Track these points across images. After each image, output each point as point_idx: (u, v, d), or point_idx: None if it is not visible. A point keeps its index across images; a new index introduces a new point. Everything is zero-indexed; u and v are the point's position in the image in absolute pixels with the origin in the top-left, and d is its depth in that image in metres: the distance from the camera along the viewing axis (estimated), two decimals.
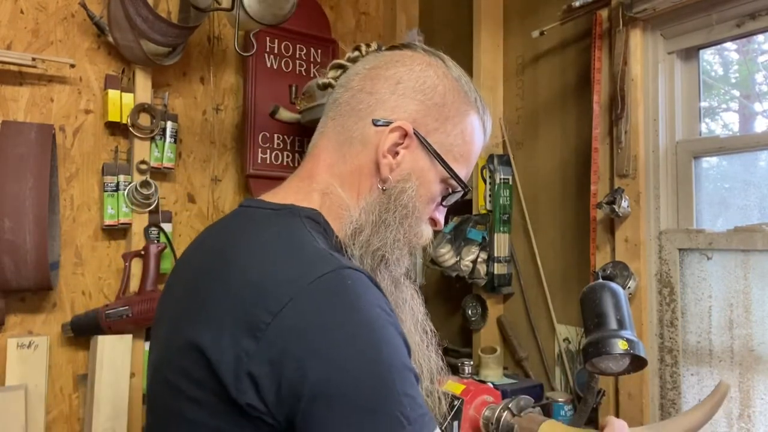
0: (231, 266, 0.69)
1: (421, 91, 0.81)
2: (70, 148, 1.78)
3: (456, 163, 0.83)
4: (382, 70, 0.83)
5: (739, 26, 1.38)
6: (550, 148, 1.85)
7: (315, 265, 0.64)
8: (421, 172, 0.81)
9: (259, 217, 0.76)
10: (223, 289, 0.67)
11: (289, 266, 0.65)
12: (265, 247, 0.70)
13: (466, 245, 1.90)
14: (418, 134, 0.80)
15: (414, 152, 0.80)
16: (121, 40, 1.72)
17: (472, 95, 0.86)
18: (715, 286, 1.41)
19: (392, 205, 0.79)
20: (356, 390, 0.59)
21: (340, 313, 0.62)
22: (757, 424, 1.34)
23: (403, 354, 0.64)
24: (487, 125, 0.89)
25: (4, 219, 1.53)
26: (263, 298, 0.62)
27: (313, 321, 0.61)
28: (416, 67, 0.83)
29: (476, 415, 1.03)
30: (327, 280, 0.63)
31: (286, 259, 0.67)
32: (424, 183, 0.81)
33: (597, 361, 1.03)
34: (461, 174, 0.85)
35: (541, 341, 1.84)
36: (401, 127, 0.79)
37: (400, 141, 0.79)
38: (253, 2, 1.69)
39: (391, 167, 0.79)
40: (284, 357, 0.59)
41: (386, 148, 0.79)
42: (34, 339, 1.66)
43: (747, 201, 1.43)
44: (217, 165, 2.06)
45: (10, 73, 1.69)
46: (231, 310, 0.64)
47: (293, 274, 0.64)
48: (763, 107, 1.49)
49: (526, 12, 1.94)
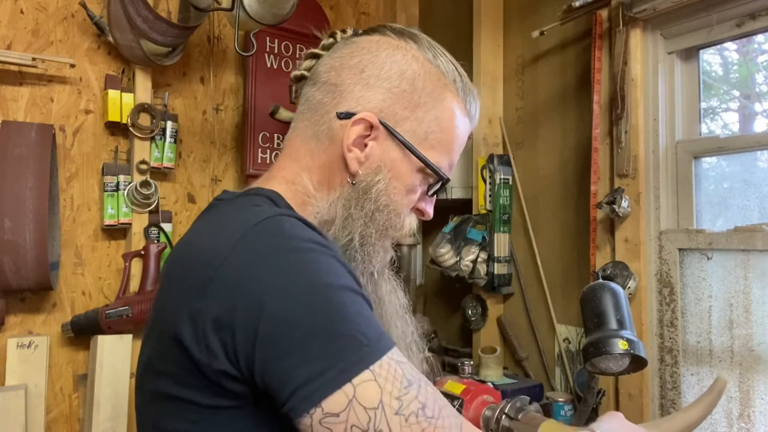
0: (189, 248, 0.70)
1: (386, 78, 0.77)
2: (70, 148, 1.78)
3: (433, 151, 0.79)
4: (347, 59, 0.80)
5: (739, 26, 1.38)
6: (550, 148, 1.85)
7: (252, 218, 0.64)
8: (393, 164, 0.78)
9: (224, 202, 0.77)
10: (181, 270, 0.68)
11: (230, 228, 0.65)
12: (216, 220, 0.72)
13: (466, 245, 1.90)
14: (385, 125, 0.77)
15: (383, 143, 0.77)
16: (121, 40, 1.72)
17: (450, 76, 0.81)
18: (715, 286, 1.41)
19: (361, 200, 0.76)
20: (310, 316, 0.58)
21: (278, 251, 0.61)
22: (757, 424, 1.34)
23: (348, 279, 0.63)
24: (472, 107, 0.83)
25: (4, 219, 1.53)
26: (206, 258, 0.63)
27: (254, 263, 0.60)
28: (382, 53, 0.79)
29: (476, 415, 1.02)
30: (263, 225, 0.63)
31: (229, 223, 0.67)
32: (398, 175, 0.78)
33: (597, 361, 1.03)
34: (442, 162, 0.80)
35: (541, 341, 1.84)
36: (364, 119, 0.76)
37: (366, 133, 0.77)
38: (253, 2, 1.69)
39: (359, 160, 0.77)
40: (234, 303, 0.59)
41: (350, 142, 0.76)
42: (34, 339, 1.66)
43: (747, 201, 1.43)
44: (217, 165, 2.06)
45: (10, 73, 1.69)
46: (184, 283, 0.65)
47: (233, 231, 0.64)
48: (763, 107, 1.49)
49: (526, 12, 1.94)
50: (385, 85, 0.77)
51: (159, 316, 0.69)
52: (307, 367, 0.57)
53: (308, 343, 0.57)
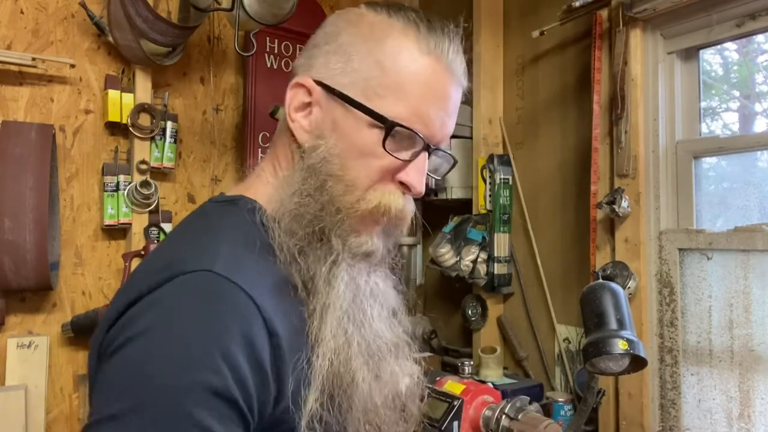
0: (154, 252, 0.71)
1: (324, 43, 0.74)
2: (70, 148, 1.78)
3: (382, 99, 0.69)
4: (309, 42, 0.78)
5: (739, 26, 1.38)
6: (550, 148, 1.85)
7: (183, 262, 0.61)
8: (335, 124, 0.69)
9: (205, 210, 0.74)
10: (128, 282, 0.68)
11: (165, 258, 0.64)
12: (168, 241, 0.71)
13: (466, 245, 1.90)
14: (319, 82, 0.71)
15: (326, 106, 0.71)
16: (121, 40, 1.72)
17: (398, 18, 0.72)
18: (715, 286, 1.41)
19: (307, 173, 0.69)
20: (142, 390, 0.54)
21: (158, 322, 0.57)
22: (757, 424, 1.34)
23: (213, 380, 0.55)
24: (434, 44, 0.72)
25: (4, 219, 1.53)
26: (130, 287, 0.62)
27: (148, 317, 0.58)
28: (328, 25, 0.76)
29: (476, 415, 1.03)
30: (183, 280, 0.59)
31: (168, 251, 0.66)
32: (344, 135, 0.69)
33: (597, 361, 1.03)
34: (399, 111, 0.68)
35: (541, 341, 1.84)
36: (298, 82, 0.72)
37: (307, 99, 0.72)
38: (253, 2, 1.69)
39: (305, 128, 0.71)
40: (111, 344, 0.59)
41: (290, 110, 0.72)
42: (34, 339, 1.66)
43: (747, 201, 1.43)
44: (217, 165, 2.06)
45: (10, 73, 1.69)
46: (122, 290, 0.66)
47: (160, 267, 0.62)
48: (763, 107, 1.49)
49: (526, 12, 1.94)
50: (324, 48, 0.73)
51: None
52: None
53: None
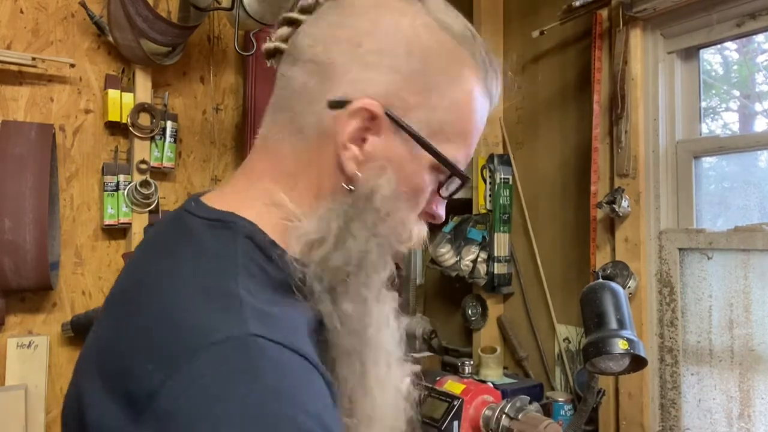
0: (141, 298, 0.54)
1: (392, 54, 0.60)
2: (70, 148, 1.78)
3: (450, 144, 0.63)
4: (337, 29, 0.61)
5: (739, 26, 1.38)
6: (550, 147, 1.85)
7: (206, 321, 0.49)
8: (401, 163, 0.61)
9: (191, 230, 0.59)
10: (126, 327, 0.53)
11: (183, 318, 0.49)
12: (177, 281, 0.54)
13: (466, 245, 1.90)
14: (391, 115, 0.59)
15: (388, 137, 0.60)
16: (121, 40, 1.72)
17: (468, 47, 0.63)
18: (715, 286, 1.41)
19: (361, 211, 0.60)
20: None
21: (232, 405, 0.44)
22: (757, 424, 1.34)
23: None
24: (492, 85, 0.67)
25: (4, 219, 1.53)
26: (149, 354, 0.48)
27: (198, 412, 0.44)
28: (383, 20, 0.61)
29: (476, 414, 1.03)
30: (220, 353, 0.46)
31: (190, 304, 0.51)
32: (406, 176, 0.62)
33: (597, 361, 1.03)
34: (459, 156, 0.64)
35: (541, 341, 1.84)
36: (365, 108, 0.58)
37: (367, 125, 0.59)
38: (253, 2, 1.69)
39: (358, 160, 0.60)
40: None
41: (347, 138, 0.59)
42: (34, 339, 1.66)
43: (747, 201, 1.43)
44: (217, 165, 2.06)
45: (10, 73, 1.69)
46: (121, 356, 0.51)
47: (185, 333, 0.48)
48: (763, 107, 1.49)
49: (526, 12, 1.94)
50: (389, 63, 0.60)
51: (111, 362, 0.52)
52: None
53: None
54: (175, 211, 0.65)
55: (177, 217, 0.63)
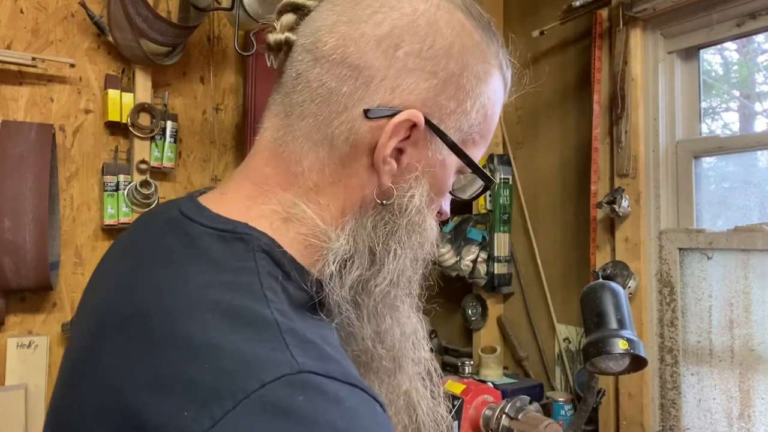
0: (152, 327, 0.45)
1: (432, 57, 0.54)
2: (70, 148, 1.78)
3: (475, 146, 0.59)
4: (371, 25, 0.53)
5: (739, 26, 1.38)
6: (550, 147, 1.85)
7: (248, 363, 0.41)
8: (432, 171, 0.56)
9: (197, 242, 0.50)
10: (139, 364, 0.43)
11: (224, 348, 0.41)
12: (193, 304, 0.45)
13: (466, 245, 1.90)
14: (431, 124, 0.54)
15: (423, 147, 0.55)
16: (121, 40, 1.72)
17: (494, 44, 0.59)
18: (715, 286, 1.41)
19: (397, 224, 0.55)
20: None
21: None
22: (757, 424, 1.34)
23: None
24: (509, 80, 0.64)
25: (4, 219, 1.53)
26: (180, 398, 0.40)
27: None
28: (421, 18, 0.54)
29: (476, 414, 1.03)
30: (273, 399, 0.39)
31: (220, 333, 0.42)
32: (436, 182, 0.57)
33: (597, 361, 1.03)
34: (479, 156, 0.60)
35: (541, 341, 1.84)
36: (410, 119, 0.52)
37: (405, 135, 0.54)
38: (253, 2, 1.69)
39: (393, 173, 0.54)
40: None
41: (390, 151, 0.53)
42: (34, 339, 1.66)
43: (747, 201, 1.43)
44: (217, 165, 2.06)
45: (10, 73, 1.69)
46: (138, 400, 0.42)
47: (227, 370, 0.40)
48: (763, 107, 1.49)
49: (526, 12, 1.94)
50: (429, 67, 0.54)
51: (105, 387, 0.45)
52: None
53: None
54: (166, 213, 0.56)
55: (172, 221, 0.54)
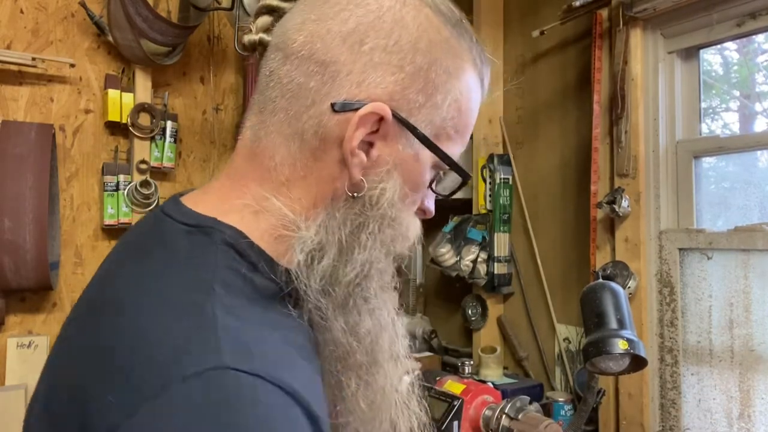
0: (106, 315, 0.50)
1: (398, 51, 0.55)
2: (70, 148, 1.78)
3: (450, 141, 0.60)
4: (337, 22, 0.55)
5: (740, 26, 1.38)
6: (550, 147, 1.85)
7: (176, 350, 0.44)
8: (405, 165, 0.58)
9: (166, 236, 0.55)
10: (87, 349, 0.49)
11: (159, 341, 0.45)
12: (146, 298, 0.49)
13: (466, 245, 1.90)
14: (398, 116, 0.56)
15: (393, 140, 0.56)
16: (121, 40, 1.72)
17: (466, 40, 0.59)
18: (715, 286, 1.41)
19: (369, 218, 0.57)
20: None
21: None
22: (757, 424, 1.34)
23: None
24: (485, 77, 0.63)
25: (4, 219, 1.53)
26: (111, 385, 0.44)
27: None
28: (387, 14, 0.56)
29: (476, 414, 1.03)
30: (191, 391, 0.42)
31: (159, 327, 0.46)
32: (410, 176, 0.58)
33: (597, 361, 1.03)
34: (457, 152, 0.61)
35: (541, 341, 1.84)
36: (375, 112, 0.54)
37: (373, 129, 0.55)
38: (252, 2, 1.69)
39: (363, 166, 0.55)
40: None
41: (356, 144, 0.54)
42: (34, 339, 1.66)
43: (747, 201, 1.43)
44: (217, 165, 2.06)
45: (10, 73, 1.69)
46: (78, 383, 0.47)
47: (142, 364, 0.44)
48: (763, 107, 1.49)
49: (526, 12, 1.94)
50: (395, 61, 0.55)
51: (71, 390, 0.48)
52: None
53: None
54: (155, 213, 0.59)
55: (156, 219, 0.58)
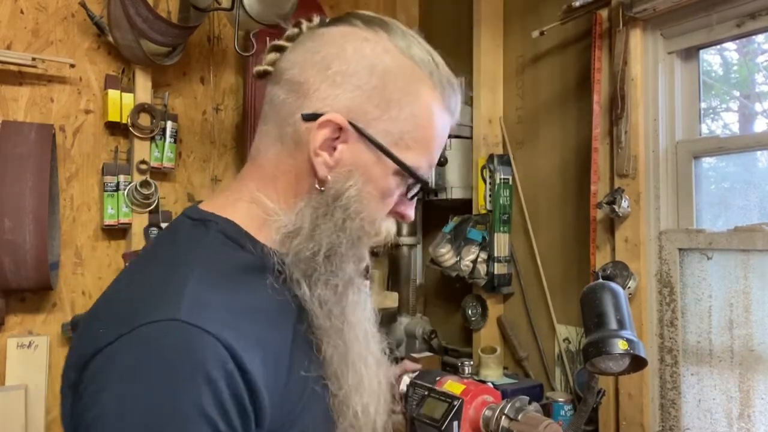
0: (123, 276, 0.73)
1: (354, 75, 0.71)
2: (70, 148, 1.78)
3: (410, 152, 0.73)
4: (311, 54, 0.73)
5: (739, 26, 1.38)
6: (550, 147, 1.85)
7: (150, 306, 0.61)
8: (366, 168, 0.72)
9: (177, 228, 0.73)
10: (107, 295, 0.72)
11: (134, 297, 0.65)
12: (147, 268, 0.70)
13: (466, 245, 1.90)
14: (355, 125, 0.70)
15: (354, 146, 0.71)
16: (121, 40, 1.72)
17: (426, 68, 0.74)
18: (715, 286, 1.41)
19: (330, 208, 0.71)
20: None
21: (138, 378, 0.57)
22: (757, 424, 1.34)
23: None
24: (451, 102, 0.76)
25: (4, 219, 1.53)
26: (94, 329, 0.63)
27: (113, 373, 0.58)
28: (349, 46, 0.72)
29: (476, 415, 1.02)
30: (148, 332, 0.59)
31: (138, 287, 0.67)
32: (372, 179, 0.72)
33: (597, 361, 1.03)
34: (421, 163, 0.74)
35: (541, 341, 1.84)
36: (331, 120, 0.69)
37: (335, 135, 0.70)
38: (253, 2, 1.69)
39: (328, 165, 0.71)
40: (84, 395, 0.60)
41: (317, 146, 0.70)
42: (34, 339, 1.66)
43: (747, 201, 1.43)
44: (217, 165, 2.06)
45: (10, 73, 1.69)
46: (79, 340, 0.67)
47: (129, 308, 0.63)
48: (763, 107, 1.49)
49: (526, 12, 1.94)
50: (353, 82, 0.71)
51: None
52: None
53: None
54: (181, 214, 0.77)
55: (178, 218, 0.76)
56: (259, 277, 0.69)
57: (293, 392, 0.67)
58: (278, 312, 0.69)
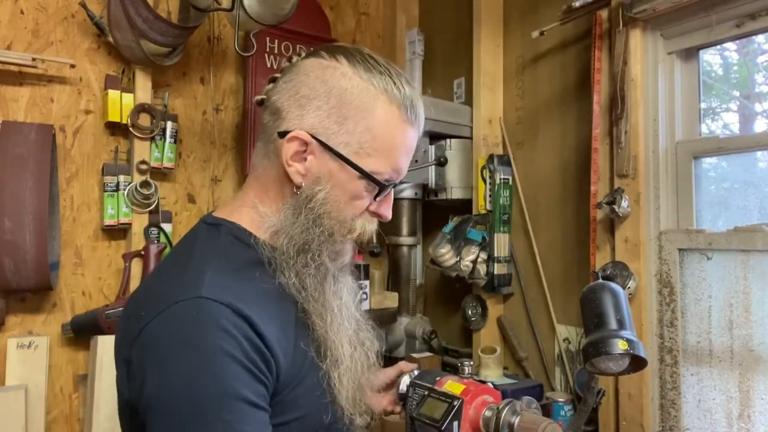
0: (159, 270, 0.92)
1: (316, 98, 0.85)
2: (70, 148, 1.78)
3: (370, 159, 0.86)
4: (286, 83, 0.89)
5: (739, 26, 1.38)
6: (550, 148, 1.85)
7: (178, 291, 0.77)
8: (332, 174, 0.86)
9: (197, 232, 0.90)
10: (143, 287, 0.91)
11: (166, 286, 0.80)
12: (176, 263, 0.86)
13: (466, 245, 1.90)
14: (317, 139, 0.85)
15: (320, 157, 0.86)
16: (121, 40, 1.72)
17: (380, 85, 0.86)
18: (715, 286, 1.41)
19: (303, 209, 0.86)
20: (176, 408, 0.71)
21: (177, 342, 0.73)
22: (757, 424, 1.34)
23: (228, 384, 0.72)
24: (409, 113, 0.88)
25: (4, 219, 1.53)
26: (142, 313, 0.77)
27: (157, 344, 0.74)
28: (312, 74, 0.87)
29: (476, 415, 1.02)
30: (179, 308, 0.75)
31: (168, 278, 0.83)
32: (338, 184, 0.86)
33: (597, 361, 1.03)
34: (383, 168, 0.87)
35: (541, 341, 1.84)
36: (296, 136, 0.85)
37: (303, 149, 0.85)
38: (253, 2, 1.69)
39: (300, 173, 0.86)
40: (138, 369, 0.75)
41: (288, 157, 0.85)
42: (34, 339, 1.66)
43: (747, 201, 1.43)
44: (217, 165, 2.06)
45: (10, 73, 1.69)
46: (126, 320, 0.82)
47: (163, 294, 0.78)
48: (763, 107, 1.49)
49: (526, 12, 1.94)
50: (315, 104, 0.85)
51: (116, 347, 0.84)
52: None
53: (170, 428, 0.72)
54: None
55: (197, 225, 0.93)
56: (261, 269, 0.85)
57: (297, 359, 0.82)
58: (281, 296, 0.84)
